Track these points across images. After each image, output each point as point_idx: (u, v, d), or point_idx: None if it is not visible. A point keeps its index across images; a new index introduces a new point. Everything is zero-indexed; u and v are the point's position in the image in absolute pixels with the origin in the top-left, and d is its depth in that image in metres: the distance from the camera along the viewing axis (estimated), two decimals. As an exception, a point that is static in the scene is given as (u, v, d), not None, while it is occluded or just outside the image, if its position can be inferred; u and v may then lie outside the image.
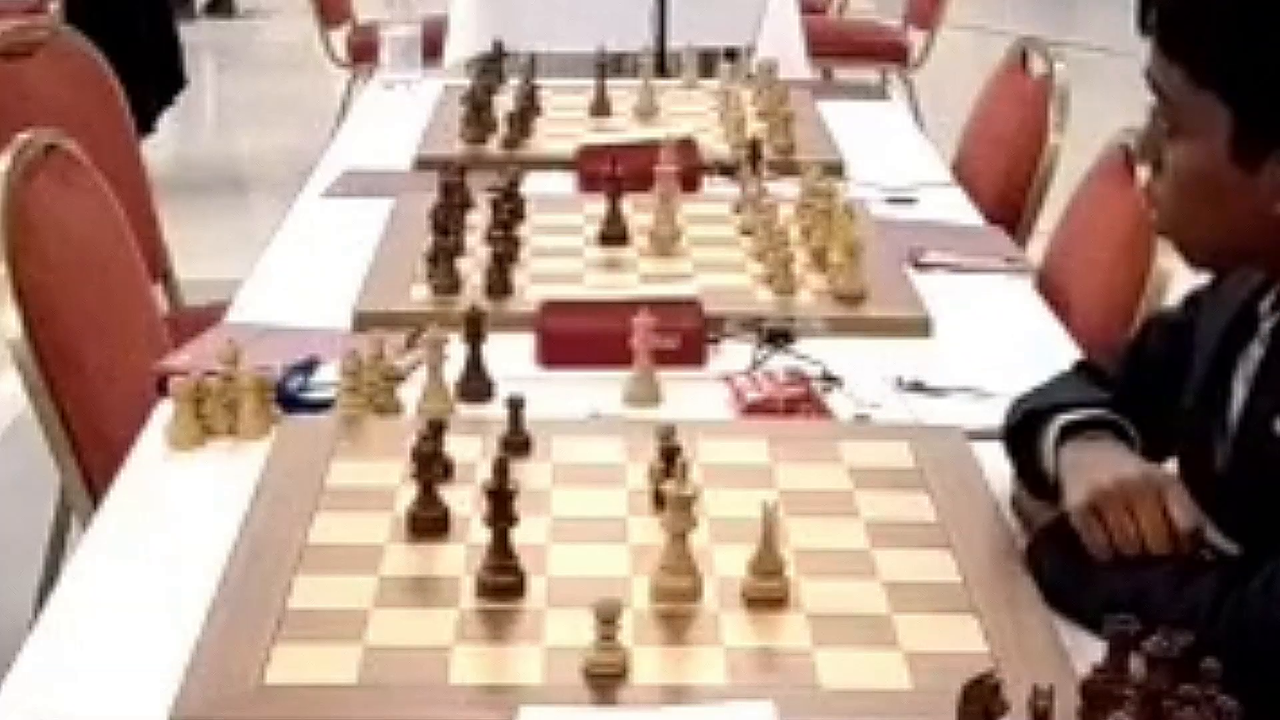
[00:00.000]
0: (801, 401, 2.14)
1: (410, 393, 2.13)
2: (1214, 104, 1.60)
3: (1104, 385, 1.90)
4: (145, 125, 5.50)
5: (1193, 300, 1.90)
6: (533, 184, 2.90)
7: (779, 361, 2.27)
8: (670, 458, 1.81)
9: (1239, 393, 1.71)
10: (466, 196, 2.75)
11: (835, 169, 3.08)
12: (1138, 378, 1.90)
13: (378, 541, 1.78)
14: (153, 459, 2.02)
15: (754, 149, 2.91)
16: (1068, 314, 2.55)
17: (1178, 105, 1.63)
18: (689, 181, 2.93)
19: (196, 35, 7.73)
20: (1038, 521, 1.82)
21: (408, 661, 1.58)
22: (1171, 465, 1.86)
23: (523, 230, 2.67)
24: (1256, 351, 1.71)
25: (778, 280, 2.46)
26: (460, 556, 1.75)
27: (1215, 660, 1.35)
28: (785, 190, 2.84)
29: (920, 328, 2.41)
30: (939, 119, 4.90)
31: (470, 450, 1.94)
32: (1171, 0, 1.63)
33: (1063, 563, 1.71)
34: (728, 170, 3.02)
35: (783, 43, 4.74)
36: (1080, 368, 1.99)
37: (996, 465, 1.95)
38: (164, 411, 2.08)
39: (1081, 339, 2.43)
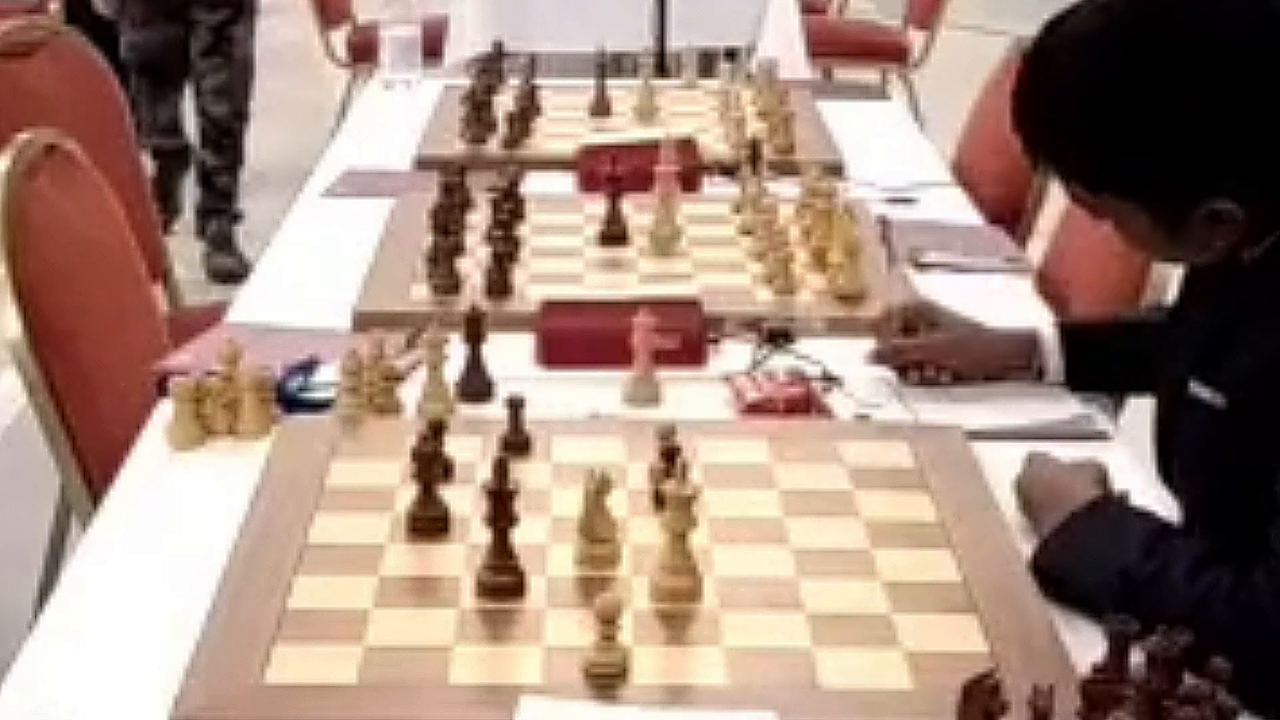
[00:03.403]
0: (801, 401, 2.14)
1: (410, 393, 2.13)
2: (1118, 200, 1.71)
3: None
4: (145, 125, 5.50)
5: None
6: (533, 184, 2.90)
7: (779, 361, 2.27)
8: (670, 458, 1.81)
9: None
10: (466, 196, 2.75)
11: (835, 169, 3.07)
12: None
13: (378, 541, 1.78)
14: (153, 459, 2.02)
15: (754, 149, 2.91)
16: (1067, 314, 2.55)
17: (1092, 205, 1.75)
18: (689, 181, 2.93)
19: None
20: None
21: (408, 661, 1.58)
22: None
23: (523, 230, 2.67)
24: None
25: (778, 280, 2.46)
26: (460, 556, 1.75)
27: (1224, 646, 1.36)
28: (785, 190, 2.84)
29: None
30: (939, 119, 4.90)
31: (470, 450, 1.94)
32: (1029, 140, 1.74)
33: (1080, 546, 1.71)
34: (728, 170, 3.02)
35: (783, 43, 4.74)
36: None
37: (996, 465, 1.95)
38: (164, 411, 2.08)
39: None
